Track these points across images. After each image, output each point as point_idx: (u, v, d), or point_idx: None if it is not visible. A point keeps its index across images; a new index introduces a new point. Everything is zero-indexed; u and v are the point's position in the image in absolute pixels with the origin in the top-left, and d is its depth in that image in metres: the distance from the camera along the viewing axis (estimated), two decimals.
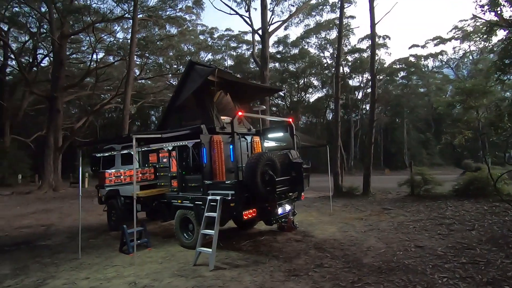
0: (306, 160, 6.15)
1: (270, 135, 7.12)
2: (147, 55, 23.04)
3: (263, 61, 14.47)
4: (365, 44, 34.02)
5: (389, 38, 32.92)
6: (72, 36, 22.25)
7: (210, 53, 35.46)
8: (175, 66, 26.65)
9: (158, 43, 22.71)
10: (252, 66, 37.17)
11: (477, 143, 20.85)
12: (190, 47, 30.81)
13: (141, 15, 21.55)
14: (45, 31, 23.52)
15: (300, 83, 40.39)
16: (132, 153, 6.27)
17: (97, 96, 25.49)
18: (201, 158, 5.54)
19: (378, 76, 37.66)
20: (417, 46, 36.15)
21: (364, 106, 41.90)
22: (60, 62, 20.32)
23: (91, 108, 22.78)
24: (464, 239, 5.49)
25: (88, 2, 21.54)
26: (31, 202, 14.78)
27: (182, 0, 22.63)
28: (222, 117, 6.33)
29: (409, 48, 45.57)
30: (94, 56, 21.35)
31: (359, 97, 40.70)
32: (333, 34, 32.02)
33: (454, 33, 30.36)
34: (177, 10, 23.24)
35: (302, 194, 6.35)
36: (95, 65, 20.77)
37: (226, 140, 6.11)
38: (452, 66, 36.09)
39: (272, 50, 39.02)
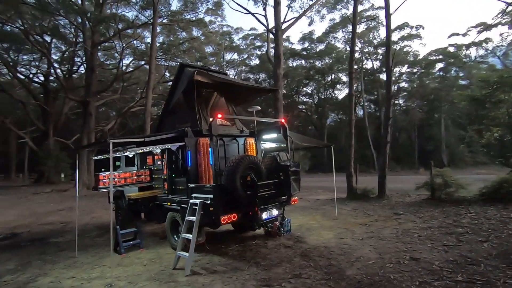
0: (297, 162, 5.87)
1: (265, 136, 6.94)
2: (169, 58, 23.82)
3: (276, 59, 14.20)
4: (396, 36, 32.03)
5: (423, 28, 30.60)
6: (103, 44, 23.76)
7: (235, 53, 35.75)
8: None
9: (180, 46, 23.37)
10: None
11: None
12: (212, 48, 31.38)
13: (164, 20, 22.36)
14: (81, 40, 25.42)
15: (328, 80, 39.16)
16: (130, 155, 6.50)
17: (127, 99, 26.91)
18: (186, 161, 5.54)
19: (411, 69, 35.45)
20: (457, 34, 33.18)
21: (397, 101, 39.54)
22: (91, 69, 21.77)
23: (119, 111, 24.14)
24: (471, 252, 4.87)
25: (116, 11, 22.79)
26: (64, 200, 16.06)
27: (203, 2, 23.03)
28: (211, 119, 6.27)
29: (448, 37, 42.02)
30: (123, 61, 22.48)
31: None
32: (361, 27, 30.60)
33: (501, 17, 27.34)
34: (199, 13, 23.75)
35: (294, 198, 6.10)
36: (122, 71, 21.93)
37: (215, 142, 6.05)
38: (499, 54, 32.60)
39: (297, 47, 38.42)
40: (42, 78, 29.03)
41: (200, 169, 5.65)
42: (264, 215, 5.32)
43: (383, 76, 36.34)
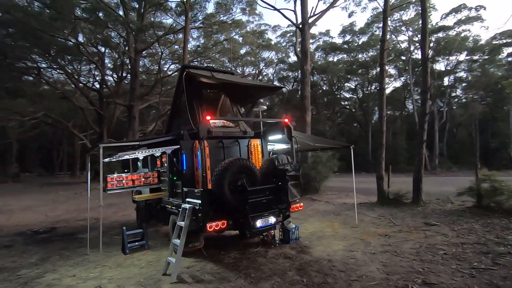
0: (298, 166, 5.40)
1: (271, 138, 6.56)
2: (203, 60, 24.48)
3: (303, 55, 13.52)
4: (451, 20, 28.56)
5: (484, 9, 26.73)
6: (146, 50, 25.37)
7: (273, 52, 35.39)
8: (233, 67, 27.56)
9: (215, 47, 23.86)
10: (314, 60, 35.54)
11: None
12: (250, 48, 31.43)
13: (198, 23, 23.02)
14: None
15: (373, 74, 36.58)
16: (140, 157, 6.68)
17: (167, 102, 28.38)
18: (181, 165, 5.46)
19: (471, 56, 31.20)
20: None
21: (454, 93, 35.34)
22: (135, 75, 23.37)
23: (159, 114, 25.54)
24: (506, 280, 3.93)
25: (155, 19, 24.11)
26: (107, 197, 17.47)
27: (235, 3, 23.16)
28: (211, 121, 6.11)
29: None
30: (162, 67, 23.71)
31: (446, 83, 34.42)
32: (410, 13, 27.93)
33: None
34: (233, 14, 23.95)
35: (297, 205, 5.64)
36: (161, 75, 23.17)
37: (215, 144, 5.89)
38: None
39: (338, 40, 36.59)
40: (97, 86, 32.15)
41: (197, 172, 5.53)
42: (258, 223, 4.98)
43: (437, 66, 32.75)
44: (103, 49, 30.02)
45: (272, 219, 5.19)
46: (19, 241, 7.93)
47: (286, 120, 5.91)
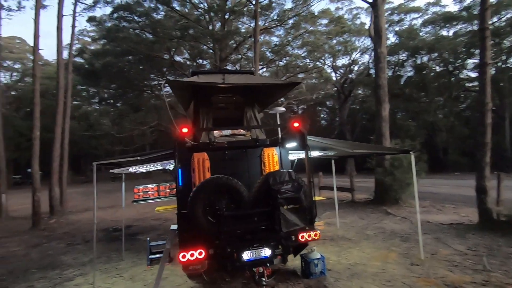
0: (299, 184, 4.16)
1: (289, 145, 5.41)
2: (280, 59, 23.89)
3: (376, 35, 11.00)
4: None
5: None
6: (231, 56, 26.82)
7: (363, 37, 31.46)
8: (308, 62, 25.77)
9: (293, 43, 23.04)
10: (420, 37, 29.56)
11: None
12: (342, 39, 28.87)
13: (272, 22, 22.64)
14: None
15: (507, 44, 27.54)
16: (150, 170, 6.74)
17: None
18: (177, 180, 5.09)
19: None
20: None
21: None
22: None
23: None
24: None
25: (236, 25, 25.13)
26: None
27: None
28: (215, 132, 5.50)
29: None
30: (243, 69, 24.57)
31: None
32: None
33: None
34: (311, 5, 22.48)
35: (311, 233, 4.36)
36: None
37: (219, 157, 5.26)
38: None
39: (453, 8, 29.29)
40: None
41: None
42: (246, 255, 4.04)
43: None
44: (201, 61, 33.70)
45: (266, 252, 4.15)
46: (99, 237, 9.35)
47: (296, 125, 4.68)
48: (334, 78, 34.23)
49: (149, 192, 6.64)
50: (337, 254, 6.07)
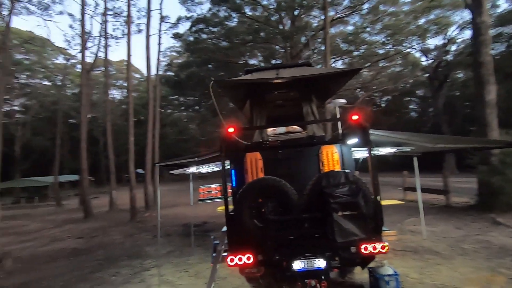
0: (360, 187, 3.52)
1: (350, 142, 4.75)
2: (355, 49, 21.97)
3: (474, 1, 8.75)
4: None
5: None
6: (301, 54, 26.21)
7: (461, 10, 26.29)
8: (389, 48, 22.73)
9: (369, 28, 21.05)
10: None
11: None
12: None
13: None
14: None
15: None
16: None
17: None
18: (232, 181, 5.06)
19: None
20: None
21: None
22: None
23: None
24: None
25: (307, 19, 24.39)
26: None
27: None
28: (269, 129, 5.24)
29: None
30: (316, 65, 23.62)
31: None
32: None
33: None
34: None
35: (377, 245, 3.68)
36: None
37: (273, 156, 5.01)
38: None
39: None
40: None
41: None
42: (296, 265, 3.65)
43: None
44: (274, 61, 34.06)
45: (320, 263, 3.66)
46: (178, 232, 10.26)
47: (355, 118, 4.01)
48: (424, 63, 29.83)
49: (212, 192, 6.86)
50: (420, 270, 5.05)
